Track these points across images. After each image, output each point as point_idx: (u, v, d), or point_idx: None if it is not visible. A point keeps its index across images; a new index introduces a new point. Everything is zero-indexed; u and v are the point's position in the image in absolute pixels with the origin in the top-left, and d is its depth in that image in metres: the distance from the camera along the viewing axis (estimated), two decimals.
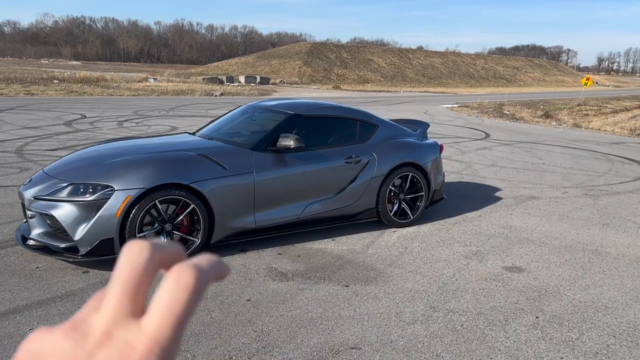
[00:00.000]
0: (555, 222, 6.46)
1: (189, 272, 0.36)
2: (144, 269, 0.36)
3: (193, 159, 4.80)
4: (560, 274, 4.80)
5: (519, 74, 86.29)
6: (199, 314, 3.80)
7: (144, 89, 33.52)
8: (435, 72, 75.69)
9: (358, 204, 5.74)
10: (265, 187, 5.09)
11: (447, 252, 5.27)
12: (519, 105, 29.73)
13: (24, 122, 14.37)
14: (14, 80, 33.64)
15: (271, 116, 5.71)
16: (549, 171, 9.89)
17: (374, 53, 74.12)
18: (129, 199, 4.40)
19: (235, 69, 63.46)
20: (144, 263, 0.37)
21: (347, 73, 63.14)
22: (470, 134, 15.44)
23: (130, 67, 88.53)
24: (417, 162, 6.06)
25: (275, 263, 4.82)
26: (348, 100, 31.86)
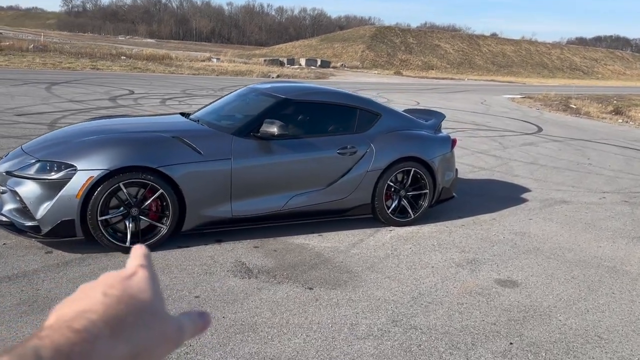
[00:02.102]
0: (577, 232, 5.79)
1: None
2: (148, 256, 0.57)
3: (165, 142, 4.55)
4: (559, 292, 4.22)
5: (597, 66, 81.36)
6: None
7: (204, 68, 34.02)
8: (505, 60, 72.66)
9: (350, 198, 5.33)
10: (244, 175, 4.78)
11: (439, 258, 4.79)
12: (588, 99, 27.83)
13: (72, 95, 14.76)
14: (84, 55, 34.97)
15: (263, 100, 5.37)
16: (592, 173, 9.03)
17: (442, 38, 71.91)
18: (91, 180, 4.21)
19: (299, 51, 63.36)
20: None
21: (411, 58, 61.61)
22: (521, 128, 14.50)
23: (200, 46, 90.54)
24: (421, 156, 5.55)
25: (246, 257, 4.52)
26: (403, 86, 30.99)
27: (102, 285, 0.50)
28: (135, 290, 0.50)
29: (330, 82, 30.79)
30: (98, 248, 4.43)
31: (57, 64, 26.91)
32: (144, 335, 0.47)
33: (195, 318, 0.54)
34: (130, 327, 0.46)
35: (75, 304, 0.47)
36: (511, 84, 45.66)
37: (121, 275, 0.52)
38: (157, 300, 0.51)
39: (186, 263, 4.31)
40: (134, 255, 0.56)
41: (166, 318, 0.50)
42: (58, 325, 0.44)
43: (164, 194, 4.44)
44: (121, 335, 0.45)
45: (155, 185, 4.40)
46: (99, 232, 4.29)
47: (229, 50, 54.78)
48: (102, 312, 0.45)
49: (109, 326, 0.44)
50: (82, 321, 0.44)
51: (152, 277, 0.53)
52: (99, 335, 0.43)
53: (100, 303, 0.47)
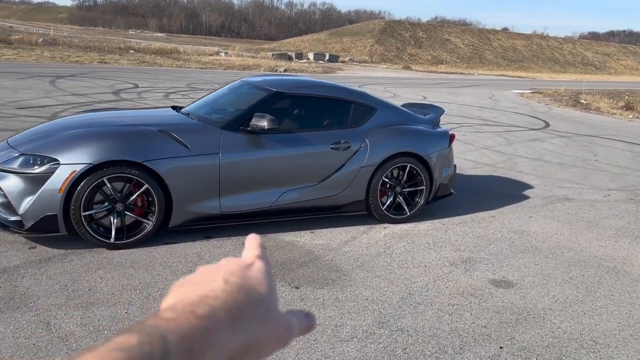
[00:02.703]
0: (578, 230, 5.62)
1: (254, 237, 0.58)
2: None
3: (151, 135, 4.44)
4: (555, 294, 4.07)
5: (610, 61, 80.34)
6: (117, 306, 3.46)
7: (212, 62, 33.95)
8: (516, 55, 71.93)
9: (344, 194, 5.19)
10: (233, 170, 4.66)
11: (433, 257, 4.65)
12: (599, 95, 27.41)
13: (76, 89, 14.71)
14: (93, 49, 35.02)
15: (254, 93, 5.24)
16: (598, 169, 8.82)
17: (452, 33, 71.30)
18: (74, 174, 4.11)
19: (307, 45, 63.10)
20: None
21: (421, 53, 61.14)
22: (528, 123, 14.27)
23: (210, 40, 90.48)
24: (417, 152, 5.40)
25: (234, 254, 4.41)
26: (411, 81, 30.71)
27: (223, 270, 0.50)
28: (253, 282, 0.49)
29: (338, 77, 30.59)
30: (82, 244, 4.34)
31: (65, 57, 26.93)
32: (258, 329, 0.46)
33: (302, 318, 0.54)
34: (247, 319, 0.45)
35: (197, 287, 0.47)
36: (521, 79, 45.16)
37: (241, 264, 0.51)
38: (272, 295, 0.51)
39: (171, 260, 4.21)
40: (250, 245, 0.56)
41: (278, 315, 0.50)
42: (182, 309, 0.43)
43: (149, 189, 4.33)
44: (239, 326, 0.44)
45: (141, 180, 4.29)
46: (82, 228, 4.19)
47: (237, 45, 54.67)
48: (223, 299, 0.45)
49: (229, 315, 0.44)
50: (205, 307, 0.43)
51: (268, 270, 0.53)
52: (220, 324, 0.43)
53: (221, 290, 0.46)
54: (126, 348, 0.38)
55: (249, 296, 0.47)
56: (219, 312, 0.44)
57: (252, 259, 0.53)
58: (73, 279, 3.80)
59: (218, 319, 0.43)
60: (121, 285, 3.75)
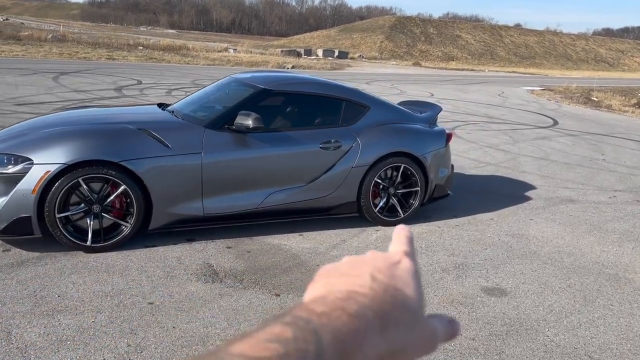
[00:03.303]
0: (580, 234, 5.38)
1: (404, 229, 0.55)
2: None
3: (130, 134, 4.27)
4: (551, 303, 3.85)
5: (624, 58, 79.22)
6: (85, 314, 3.29)
7: (220, 59, 33.84)
8: (528, 52, 71.16)
9: (334, 196, 5.00)
10: (217, 170, 4.49)
11: (424, 262, 4.44)
12: (611, 92, 26.92)
13: (78, 85, 14.63)
14: (102, 45, 35.06)
15: (241, 90, 5.06)
16: (605, 169, 8.53)
17: (463, 29, 70.64)
18: (47, 174, 3.96)
19: (317, 41, 62.83)
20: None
21: (431, 49, 60.64)
22: (536, 121, 13.96)
23: (220, 37, 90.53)
24: (411, 152, 5.19)
25: (215, 259, 4.23)
26: (420, 77, 30.38)
27: (371, 266, 0.48)
28: (400, 283, 0.47)
29: (346, 73, 30.34)
30: (59, 246, 4.19)
31: (73, 53, 26.95)
32: (404, 335, 0.44)
33: (446, 324, 0.50)
34: (395, 324, 0.43)
35: (344, 279, 0.46)
36: (533, 76, 44.61)
37: (388, 260, 0.49)
38: (420, 298, 0.48)
39: (148, 265, 4.04)
40: (399, 238, 0.53)
41: (424, 320, 0.47)
42: (332, 302, 0.42)
43: (127, 190, 4.16)
44: (387, 330, 0.42)
45: (118, 180, 4.13)
46: (57, 230, 4.04)
47: (247, 41, 54.54)
48: (371, 297, 0.43)
49: (377, 317, 0.42)
50: (355, 306, 0.42)
51: (416, 269, 0.50)
52: (370, 326, 0.41)
53: (368, 287, 0.44)
54: (283, 340, 0.37)
55: (396, 298, 0.45)
56: (368, 312, 0.42)
57: (400, 255, 0.51)
58: (43, 284, 3.65)
59: (368, 320, 0.42)
60: (92, 291, 3.58)
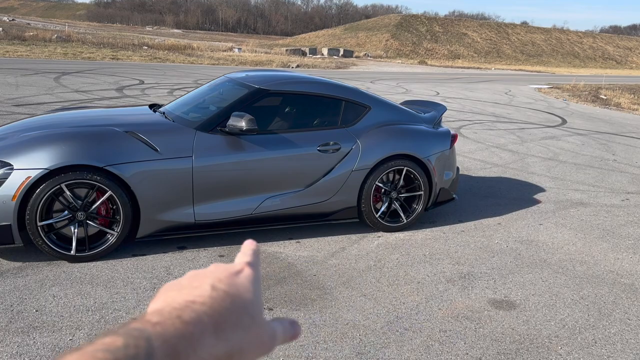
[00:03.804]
0: (592, 240, 5.11)
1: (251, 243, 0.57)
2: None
3: (116, 137, 4.04)
4: (563, 317, 3.59)
5: (632, 56, 78.43)
6: (63, 332, 3.07)
7: (225, 58, 33.67)
8: (535, 50, 70.58)
9: (333, 200, 4.76)
10: (209, 175, 4.26)
11: (428, 272, 4.19)
12: (620, 90, 26.51)
13: (79, 85, 14.46)
14: (106, 45, 34.98)
15: (236, 90, 4.82)
16: (616, 170, 8.24)
17: (469, 27, 70.15)
18: (28, 180, 3.74)
19: (322, 40, 62.54)
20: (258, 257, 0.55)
21: (437, 47, 60.22)
22: (544, 120, 13.65)
23: (225, 36, 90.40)
24: (414, 154, 4.94)
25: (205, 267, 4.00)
26: (426, 76, 30.06)
27: (211, 277, 0.49)
28: (240, 289, 0.49)
29: (351, 72, 30.07)
30: (42, 256, 3.98)
31: (77, 54, 26.84)
32: (241, 337, 0.46)
33: (287, 326, 0.52)
34: (232, 327, 0.45)
35: (184, 291, 0.47)
36: (540, 74, 44.15)
37: (230, 270, 0.51)
38: (258, 303, 0.50)
39: (135, 275, 3.81)
40: (244, 251, 0.55)
41: (262, 323, 0.49)
42: (168, 313, 0.43)
43: (113, 197, 3.94)
44: (223, 334, 0.44)
45: (103, 186, 3.91)
46: (39, 239, 3.83)
47: (252, 40, 54.33)
48: (209, 305, 0.45)
49: (214, 322, 0.44)
50: (191, 313, 0.43)
51: (257, 277, 0.52)
52: (205, 331, 0.43)
53: (208, 296, 0.46)
54: (112, 349, 0.37)
55: (235, 304, 0.47)
56: (204, 318, 0.43)
57: (242, 265, 0.52)
58: (22, 297, 3.43)
59: (203, 325, 0.43)
60: (73, 305, 3.37)
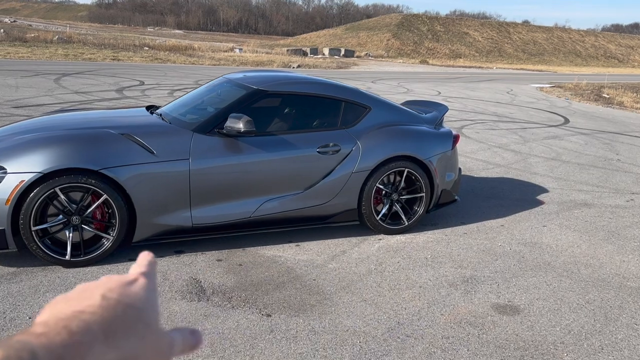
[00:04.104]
0: (597, 242, 5.03)
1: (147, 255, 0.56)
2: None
3: (111, 140, 3.97)
4: (569, 323, 3.51)
5: (634, 54, 78.21)
6: None
7: (226, 58, 33.62)
8: (537, 49, 70.42)
9: (333, 203, 4.68)
10: (206, 177, 4.18)
11: (430, 275, 4.11)
12: (622, 88, 26.38)
13: (79, 86, 14.40)
14: (107, 46, 34.96)
15: (234, 91, 4.75)
16: (621, 170, 8.15)
17: (471, 26, 70.01)
18: (22, 184, 3.67)
19: (323, 40, 62.46)
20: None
21: (438, 47, 60.10)
22: (546, 119, 13.56)
23: (227, 37, 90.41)
24: (415, 155, 4.86)
25: (205, 273, 3.93)
26: (427, 75, 29.97)
27: (102, 287, 0.48)
28: (133, 298, 0.48)
29: (352, 72, 29.99)
30: (37, 261, 3.91)
31: (78, 55, 26.82)
32: (135, 345, 0.45)
33: (187, 335, 0.52)
34: (124, 335, 0.44)
35: (72, 303, 0.46)
36: (542, 73, 44.02)
37: (122, 281, 0.50)
38: (153, 311, 0.49)
39: None
40: (139, 262, 0.55)
41: (159, 331, 0.48)
42: (54, 324, 0.42)
43: (108, 200, 3.87)
44: (114, 342, 0.43)
45: (98, 190, 3.83)
46: (33, 244, 3.75)
47: (253, 41, 54.29)
48: (99, 315, 0.44)
49: (103, 331, 0.43)
50: (79, 323, 0.42)
51: (151, 286, 0.51)
52: (93, 339, 0.42)
53: (97, 306, 0.45)
54: None
55: (127, 311, 0.46)
56: (94, 326, 0.42)
57: (136, 275, 0.51)
58: (15, 303, 3.36)
59: (92, 334, 0.41)
60: None
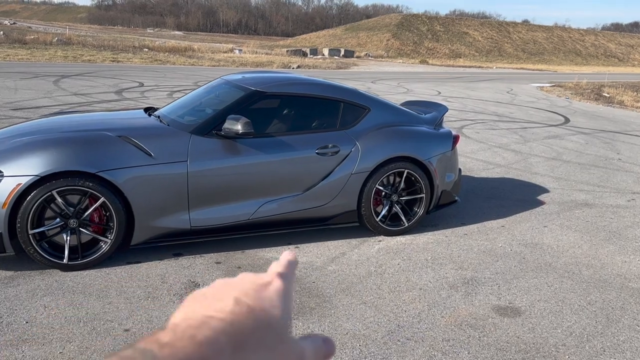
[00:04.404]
0: (599, 242, 5.00)
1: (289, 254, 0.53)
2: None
3: (108, 142, 3.94)
4: (570, 324, 3.48)
5: (634, 53, 78.17)
6: (53, 344, 2.97)
7: (225, 59, 33.60)
8: (537, 48, 70.38)
9: (332, 204, 4.65)
10: (204, 180, 4.16)
11: (431, 277, 4.08)
12: (622, 87, 26.34)
13: (78, 88, 14.38)
14: (107, 48, 34.93)
15: (232, 92, 4.72)
16: (621, 170, 8.12)
17: (470, 26, 70.00)
18: (18, 187, 3.65)
19: (323, 41, 62.46)
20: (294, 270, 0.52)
21: (438, 47, 60.08)
22: (547, 119, 13.53)
23: (226, 38, 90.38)
24: (415, 156, 4.84)
25: (202, 276, 3.90)
26: (427, 75, 29.93)
27: (237, 289, 0.46)
28: (266, 303, 0.45)
29: (352, 72, 29.97)
30: (35, 264, 3.88)
31: (78, 56, 26.79)
32: (264, 357, 0.42)
33: (319, 344, 0.48)
34: (254, 347, 0.42)
35: (206, 302, 0.44)
36: (542, 72, 43.98)
37: (257, 282, 0.48)
38: (286, 319, 0.46)
39: (129, 284, 3.71)
40: (279, 261, 0.52)
41: (289, 341, 0.45)
42: (181, 331, 0.40)
43: (106, 203, 3.84)
44: (242, 354, 0.41)
45: (96, 192, 3.81)
46: (30, 248, 3.73)
47: (252, 41, 54.28)
48: (229, 322, 0.42)
49: (232, 342, 0.40)
50: (207, 332, 0.40)
51: (287, 291, 0.48)
52: (221, 352, 0.39)
53: (229, 311, 0.43)
54: None
55: (258, 320, 0.43)
56: (221, 337, 0.40)
57: (272, 276, 0.49)
58: (12, 308, 3.34)
59: (219, 346, 0.39)
60: (64, 316, 3.27)
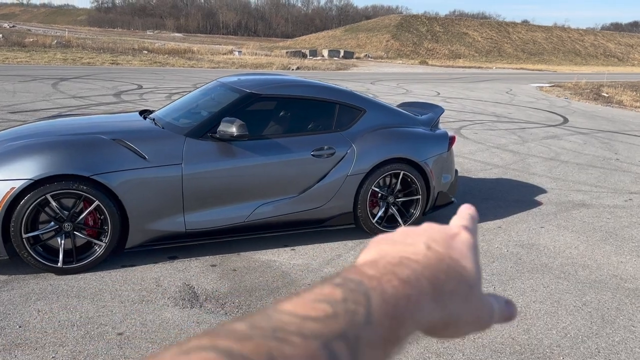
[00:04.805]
0: (595, 243, 4.99)
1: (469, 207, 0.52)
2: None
3: (102, 145, 3.94)
4: (565, 325, 3.47)
5: (633, 53, 78.16)
6: (46, 349, 2.97)
7: (225, 61, 33.61)
8: (536, 48, 70.39)
9: (328, 206, 4.64)
10: (199, 182, 4.15)
11: None
12: (622, 87, 26.32)
13: (76, 91, 14.39)
14: (106, 50, 34.94)
15: (227, 94, 4.72)
16: (619, 170, 8.11)
17: (470, 26, 70.02)
18: (12, 191, 3.64)
19: (322, 42, 62.49)
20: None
21: (438, 47, 60.10)
22: (545, 119, 13.52)
23: (226, 39, 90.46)
24: (411, 157, 4.83)
25: (197, 279, 3.90)
26: (427, 76, 29.94)
27: (426, 236, 0.46)
28: (456, 254, 0.45)
29: (351, 73, 29.98)
30: (29, 268, 3.88)
31: (77, 59, 26.80)
32: (459, 307, 0.42)
33: (503, 305, 0.48)
34: (450, 294, 0.42)
35: (398, 246, 0.44)
36: (542, 72, 43.98)
37: (445, 232, 0.47)
38: (477, 272, 0.46)
39: (123, 287, 3.71)
40: (461, 214, 0.52)
41: (481, 295, 0.45)
42: (383, 267, 0.41)
43: (100, 206, 3.84)
44: (441, 300, 0.41)
45: (90, 196, 3.80)
46: (24, 252, 3.73)
47: (252, 43, 54.33)
48: (424, 264, 0.42)
49: (431, 285, 0.41)
50: (407, 271, 0.41)
51: (475, 243, 0.48)
52: (423, 294, 0.40)
53: (422, 255, 0.43)
54: (332, 301, 0.36)
55: (451, 268, 0.43)
56: (421, 279, 0.40)
57: (458, 228, 0.48)
58: (6, 312, 3.33)
59: (421, 287, 0.40)
60: (58, 320, 3.26)
